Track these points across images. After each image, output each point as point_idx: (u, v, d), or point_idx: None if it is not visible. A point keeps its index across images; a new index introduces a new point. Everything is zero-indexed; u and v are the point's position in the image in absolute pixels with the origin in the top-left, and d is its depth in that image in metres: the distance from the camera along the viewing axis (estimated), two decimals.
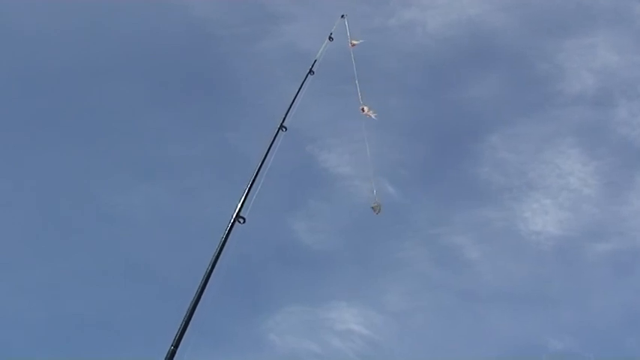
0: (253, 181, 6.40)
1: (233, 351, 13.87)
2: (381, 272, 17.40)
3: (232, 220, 5.92)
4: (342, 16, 9.94)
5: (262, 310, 15.78)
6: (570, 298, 17.59)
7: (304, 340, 15.76)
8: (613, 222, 19.12)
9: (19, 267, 14.93)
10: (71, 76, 18.25)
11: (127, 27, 19.37)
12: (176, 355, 4.86)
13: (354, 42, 9.84)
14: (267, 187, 6.51)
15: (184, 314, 5.15)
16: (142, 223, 16.78)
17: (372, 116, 9.10)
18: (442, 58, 21.13)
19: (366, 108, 9.12)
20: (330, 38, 9.10)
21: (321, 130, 18.26)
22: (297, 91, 7.60)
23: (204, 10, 20.02)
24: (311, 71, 8.09)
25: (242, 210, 6.06)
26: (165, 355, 4.82)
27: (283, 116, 7.18)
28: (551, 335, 16.46)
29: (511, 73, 21.69)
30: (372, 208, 8.17)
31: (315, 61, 8.35)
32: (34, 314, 14.31)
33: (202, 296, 5.32)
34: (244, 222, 5.98)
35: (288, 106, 7.33)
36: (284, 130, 7.05)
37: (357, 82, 9.19)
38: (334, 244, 18.30)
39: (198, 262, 5.74)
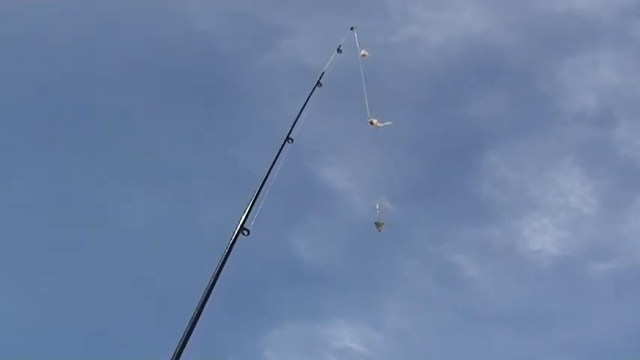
0: (258, 192, 6.29)
1: None
2: (380, 289, 17.28)
3: (236, 232, 5.81)
4: (352, 28, 9.87)
5: (259, 325, 15.62)
6: (571, 318, 17.49)
7: (300, 358, 15.58)
8: (612, 242, 19.10)
9: (19, 277, 14.78)
10: (78, 85, 18.31)
11: (132, 40, 19.45)
12: None
13: (365, 53, 9.73)
14: (270, 200, 6.41)
15: (185, 327, 5.02)
16: (144, 234, 16.65)
17: (381, 126, 8.97)
18: (444, 75, 21.15)
19: (375, 120, 8.99)
20: (339, 50, 9.03)
21: (323, 145, 18.19)
22: (304, 103, 7.51)
23: (209, 24, 20.11)
24: (319, 83, 8.02)
25: (246, 222, 5.95)
26: None
27: (290, 128, 7.09)
28: (551, 355, 16.34)
29: (513, 90, 21.75)
30: (376, 224, 8.07)
31: (323, 73, 8.29)
32: (34, 325, 14.15)
33: (204, 309, 5.20)
34: (248, 234, 5.86)
35: (295, 118, 7.25)
36: (290, 141, 6.96)
37: (365, 93, 9.09)
38: (334, 260, 18.19)
39: (198, 274, 5.63)
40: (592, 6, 21.20)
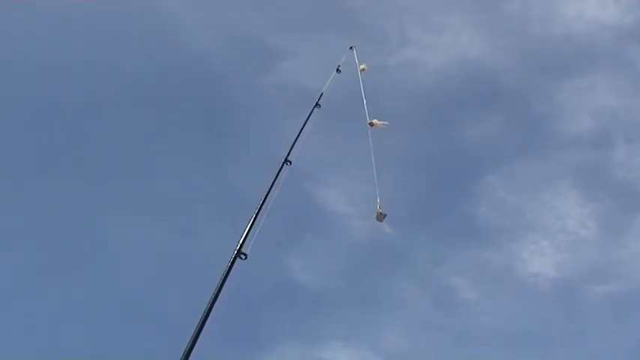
0: (256, 215, 6.20)
1: None
2: (378, 312, 17.10)
3: (234, 256, 5.70)
4: (351, 47, 9.79)
5: (256, 349, 15.41)
6: (569, 340, 17.34)
7: None
8: (611, 264, 19.02)
9: (13, 303, 14.57)
10: (69, 109, 18.19)
11: (128, 62, 19.38)
12: None
13: (364, 67, 9.63)
14: (268, 223, 6.31)
15: (183, 352, 4.92)
16: (139, 259, 16.45)
17: (380, 125, 8.85)
18: (442, 98, 21.18)
19: (375, 121, 8.88)
20: (338, 70, 8.96)
21: (321, 167, 18.11)
22: (302, 124, 7.45)
23: (206, 46, 20.08)
24: (317, 104, 7.94)
25: (244, 246, 5.84)
26: None
27: (288, 150, 7.01)
28: None
29: (510, 113, 21.79)
30: (377, 214, 7.97)
31: (322, 94, 8.21)
32: (29, 351, 13.91)
33: (200, 334, 5.10)
34: (245, 258, 5.76)
35: (294, 140, 7.16)
36: (289, 164, 6.88)
37: (364, 100, 8.98)
38: (331, 282, 18.03)
39: (195, 299, 5.53)
40: (589, 29, 21.36)
